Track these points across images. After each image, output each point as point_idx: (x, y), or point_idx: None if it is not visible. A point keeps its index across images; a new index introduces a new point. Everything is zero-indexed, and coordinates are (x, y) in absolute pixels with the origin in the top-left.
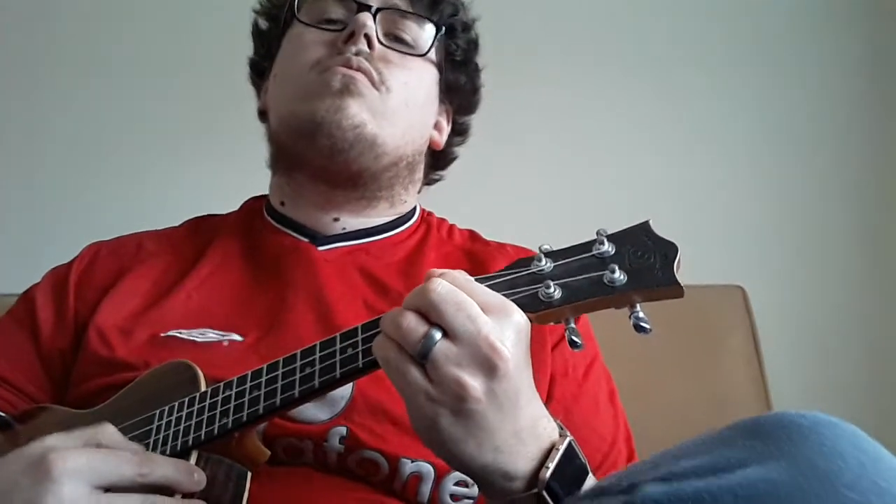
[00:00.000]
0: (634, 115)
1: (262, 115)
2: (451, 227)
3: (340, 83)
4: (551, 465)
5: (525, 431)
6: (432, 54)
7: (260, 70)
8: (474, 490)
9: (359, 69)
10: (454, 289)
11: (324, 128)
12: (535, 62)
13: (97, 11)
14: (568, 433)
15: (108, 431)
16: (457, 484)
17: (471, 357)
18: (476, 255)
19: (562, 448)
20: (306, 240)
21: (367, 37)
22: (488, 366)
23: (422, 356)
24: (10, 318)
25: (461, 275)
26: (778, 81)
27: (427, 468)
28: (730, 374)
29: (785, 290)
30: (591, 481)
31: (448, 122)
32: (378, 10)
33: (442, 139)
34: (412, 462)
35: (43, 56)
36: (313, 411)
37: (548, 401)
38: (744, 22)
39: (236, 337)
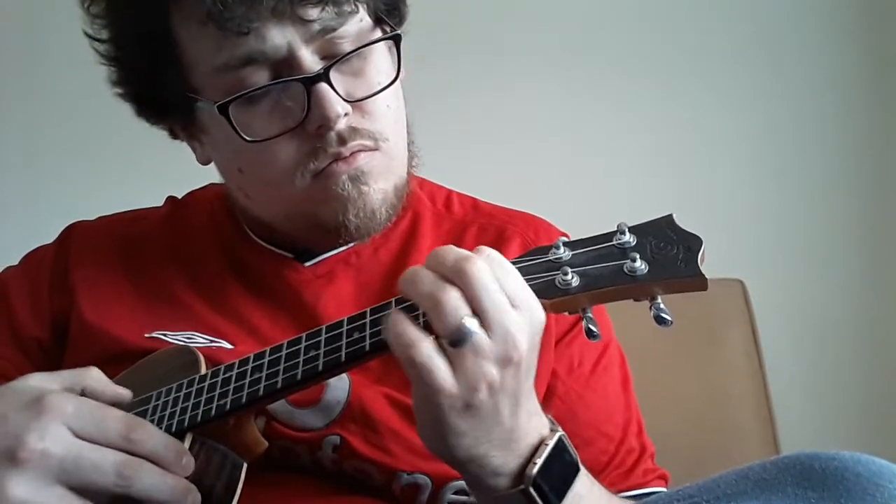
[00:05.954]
0: (633, 108)
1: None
2: (449, 195)
3: (351, 186)
4: (538, 462)
5: (520, 429)
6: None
7: (159, 107)
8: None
9: (353, 152)
10: (494, 276)
11: (352, 231)
12: (532, 59)
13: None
14: (559, 428)
15: (93, 374)
16: (456, 493)
17: (496, 351)
18: (481, 229)
19: (550, 444)
20: (290, 255)
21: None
22: (505, 361)
23: (454, 343)
24: None
25: (498, 257)
26: (777, 74)
27: (424, 480)
28: (729, 367)
29: (784, 283)
30: (583, 479)
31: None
32: (326, 67)
33: None
34: (408, 475)
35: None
36: (308, 417)
37: (549, 397)
38: (745, 17)
39: (225, 344)
